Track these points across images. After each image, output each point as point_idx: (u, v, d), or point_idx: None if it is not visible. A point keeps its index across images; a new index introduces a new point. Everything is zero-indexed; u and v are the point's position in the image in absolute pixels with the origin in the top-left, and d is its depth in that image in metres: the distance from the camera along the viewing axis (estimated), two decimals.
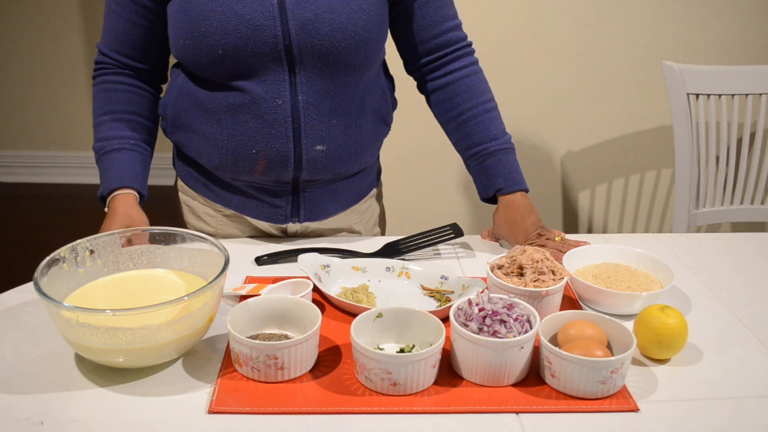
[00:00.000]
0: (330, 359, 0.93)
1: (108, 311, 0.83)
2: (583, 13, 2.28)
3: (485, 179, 1.28)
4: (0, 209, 3.41)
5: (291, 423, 0.82)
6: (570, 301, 1.09)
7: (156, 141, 1.30)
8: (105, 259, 1.02)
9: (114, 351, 0.85)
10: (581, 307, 1.08)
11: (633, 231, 2.57)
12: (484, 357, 0.87)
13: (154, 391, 0.87)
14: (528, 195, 1.27)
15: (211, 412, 0.84)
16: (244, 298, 1.05)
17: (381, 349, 0.93)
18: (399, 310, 0.95)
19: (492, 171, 1.27)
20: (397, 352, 0.89)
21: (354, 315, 0.97)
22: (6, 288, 1.10)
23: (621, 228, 2.57)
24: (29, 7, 3.39)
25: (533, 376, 0.91)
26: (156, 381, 0.89)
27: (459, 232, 1.27)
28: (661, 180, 2.49)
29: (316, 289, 1.08)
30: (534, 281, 1.03)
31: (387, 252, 1.24)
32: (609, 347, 0.92)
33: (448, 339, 0.93)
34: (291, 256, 1.22)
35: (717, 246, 1.33)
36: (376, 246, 1.27)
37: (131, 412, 0.84)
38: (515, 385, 0.89)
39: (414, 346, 0.94)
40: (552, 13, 2.29)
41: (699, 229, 2.31)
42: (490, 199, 1.30)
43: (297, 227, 1.32)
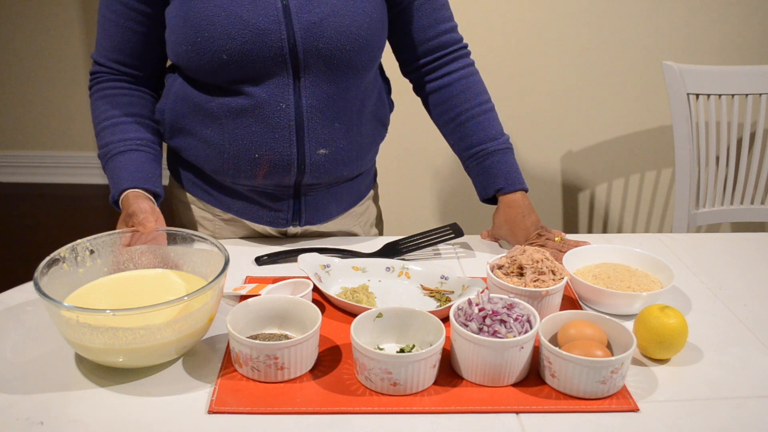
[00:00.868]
0: (330, 359, 0.93)
1: (108, 311, 0.83)
2: (583, 13, 2.28)
3: (485, 179, 1.28)
4: (0, 209, 3.41)
5: (291, 423, 0.82)
6: (570, 301, 1.09)
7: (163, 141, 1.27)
8: (105, 259, 1.02)
9: (114, 351, 0.85)
10: (581, 307, 1.08)
11: (633, 231, 2.56)
12: (484, 357, 0.87)
13: (154, 391, 0.87)
14: (528, 195, 1.27)
15: (211, 412, 0.84)
16: (244, 298, 1.05)
17: (381, 349, 0.93)
18: (399, 310, 0.95)
19: (492, 171, 1.27)
20: (397, 352, 0.89)
21: (354, 315, 0.97)
22: (6, 288, 1.10)
23: (621, 228, 2.57)
24: (29, 8, 3.39)
25: (533, 376, 0.91)
26: (156, 381, 0.89)
27: (459, 232, 1.27)
28: (661, 180, 2.49)
29: (316, 289, 1.08)
30: (534, 281, 1.03)
31: (387, 252, 1.24)
32: (609, 347, 0.92)
33: (448, 339, 0.94)
34: (291, 256, 1.22)
35: (717, 246, 1.33)
36: (376, 246, 1.27)
37: (131, 412, 0.84)
38: (515, 385, 0.89)
39: (414, 346, 0.94)
40: (552, 13, 2.29)
41: (699, 229, 2.31)
42: (489, 200, 1.30)
43: (297, 230, 1.32)
